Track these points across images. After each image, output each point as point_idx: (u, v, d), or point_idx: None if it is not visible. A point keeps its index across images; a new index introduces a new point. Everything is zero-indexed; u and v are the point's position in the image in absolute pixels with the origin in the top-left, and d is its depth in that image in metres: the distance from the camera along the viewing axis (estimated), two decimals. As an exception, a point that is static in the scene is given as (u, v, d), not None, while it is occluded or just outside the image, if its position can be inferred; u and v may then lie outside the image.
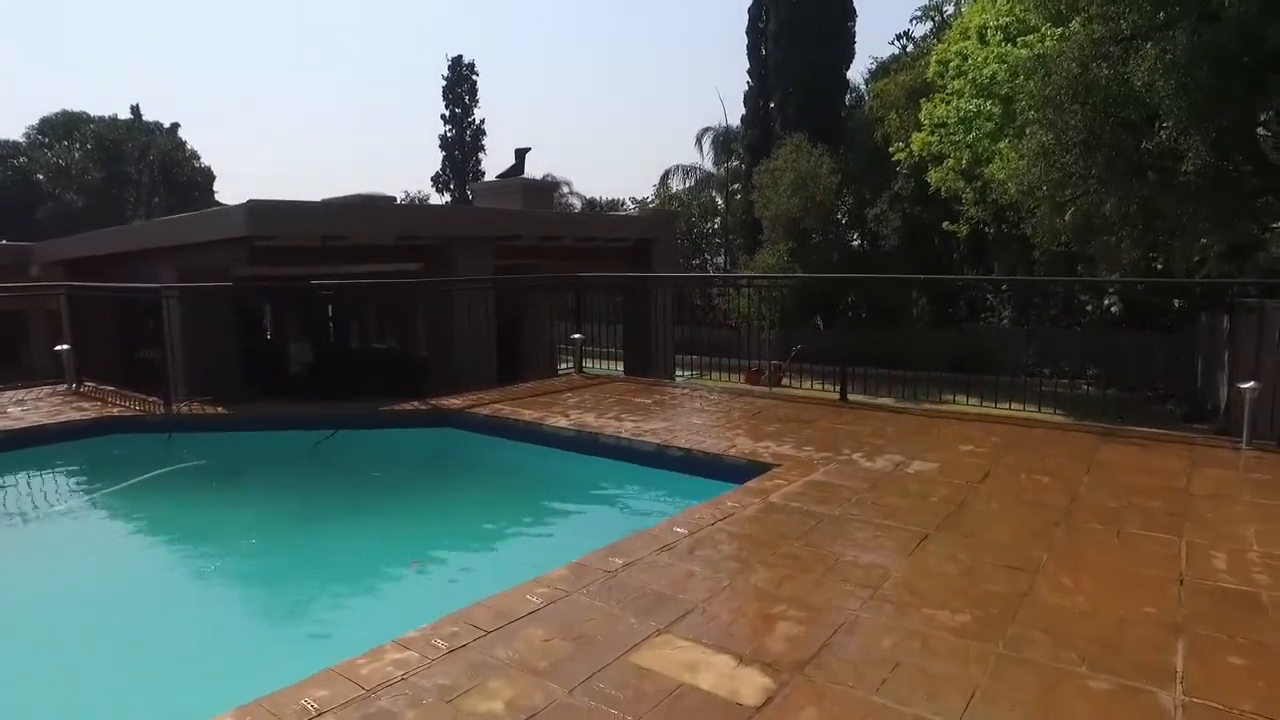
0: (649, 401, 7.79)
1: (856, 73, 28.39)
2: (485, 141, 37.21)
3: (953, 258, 26.21)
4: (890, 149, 16.92)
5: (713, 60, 76.13)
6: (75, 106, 37.93)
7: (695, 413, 7.33)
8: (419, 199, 38.13)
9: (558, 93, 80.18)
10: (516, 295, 12.84)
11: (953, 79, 13.65)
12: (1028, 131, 10.85)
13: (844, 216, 27.45)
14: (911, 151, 15.83)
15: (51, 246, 13.01)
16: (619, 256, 14.20)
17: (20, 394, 8.74)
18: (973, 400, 7.46)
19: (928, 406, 7.36)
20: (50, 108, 36.31)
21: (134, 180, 31.67)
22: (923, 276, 19.48)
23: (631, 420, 6.82)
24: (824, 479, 5.02)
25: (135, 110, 43.56)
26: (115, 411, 7.65)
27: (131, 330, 8.52)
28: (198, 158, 36.30)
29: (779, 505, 4.49)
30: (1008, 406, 7.30)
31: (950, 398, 7.93)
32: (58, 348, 9.06)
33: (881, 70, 24.36)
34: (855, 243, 27.71)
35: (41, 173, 32.34)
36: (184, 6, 74.09)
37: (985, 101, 12.49)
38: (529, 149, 16.89)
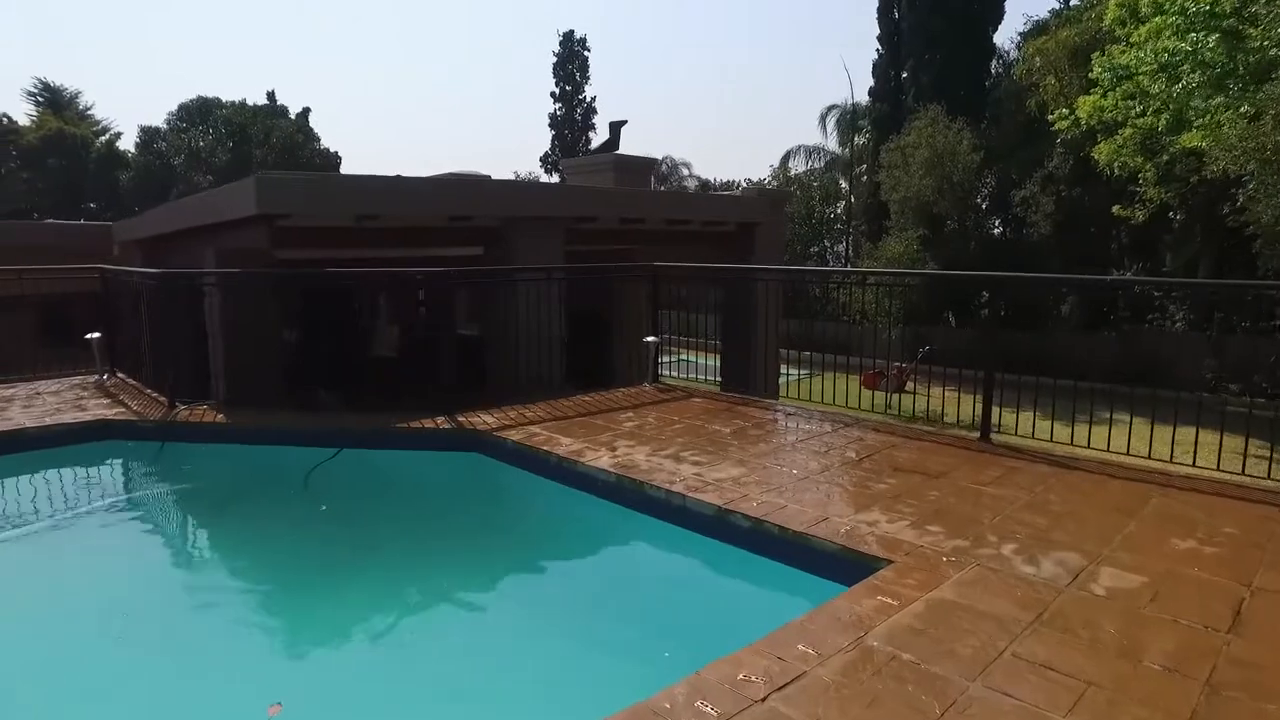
0: (727, 430, 6.10)
1: (1004, 37, 25.11)
2: (596, 120, 36.36)
3: (1110, 248, 22.64)
4: (1050, 117, 14.00)
5: (840, 32, 71.99)
6: (220, 95, 39.86)
7: (784, 451, 5.59)
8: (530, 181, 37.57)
9: (675, 71, 78.40)
10: (601, 287, 11.37)
11: (1148, 18, 10.63)
12: (1272, 78, 8.07)
13: (984, 200, 24.32)
14: (1077, 119, 12.97)
15: (127, 225, 12.71)
16: (716, 242, 12.47)
17: (49, 384, 8.13)
18: (1136, 417, 5.33)
19: (1107, 459, 5.30)
20: (195, 96, 38.21)
21: (258, 162, 32.71)
22: (1075, 276, 16.49)
23: (694, 462, 5.18)
24: (958, 598, 3.22)
25: (270, 96, 45.41)
26: (113, 414, 6.75)
27: (179, 318, 7.68)
28: (317, 139, 37.31)
29: (882, 656, 2.76)
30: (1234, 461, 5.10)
31: (1107, 415, 5.84)
32: (89, 335, 8.37)
33: (1039, 29, 21.07)
34: (996, 230, 24.52)
35: (177, 156, 34.03)
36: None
37: (1203, 34, 9.50)
38: (625, 122, 15.43)
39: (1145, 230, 18.67)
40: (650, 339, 7.95)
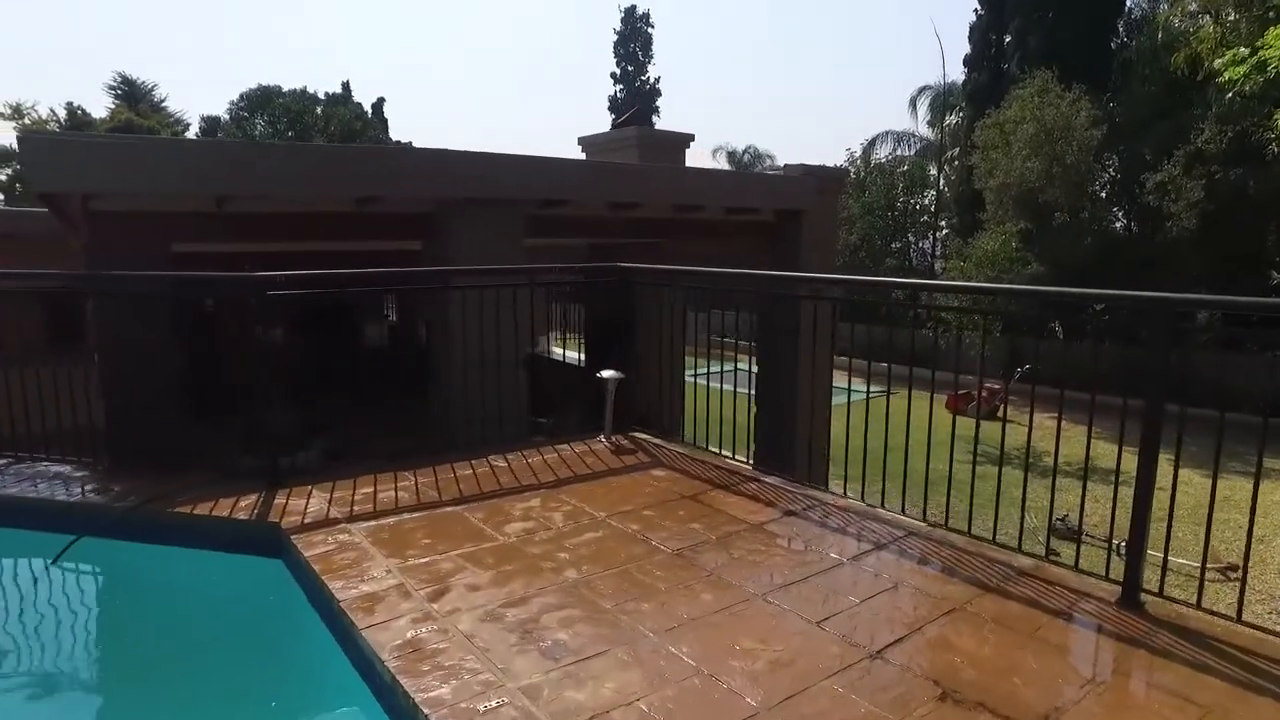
0: (669, 550, 3.65)
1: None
2: (659, 103, 33.53)
3: (1265, 242, 18.47)
4: (1219, 63, 10.24)
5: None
6: (306, 87, 39.49)
7: (749, 612, 3.07)
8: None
9: (755, 53, 74.83)
10: (620, 293, 8.93)
11: None
12: None
13: (1104, 187, 20.46)
14: (1261, 63, 9.31)
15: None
16: (749, 235, 9.90)
17: None
18: None
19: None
20: (256, 84, 37.88)
21: (312, 151, 31.87)
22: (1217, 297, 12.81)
23: (550, 650, 2.76)
24: None
25: (345, 86, 45.09)
26: None
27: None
28: (373, 127, 36.28)
29: None
30: None
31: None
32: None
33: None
34: (1118, 224, 20.60)
35: (235, 145, 33.60)
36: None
37: None
38: (658, 93, 12.91)
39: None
40: (608, 374, 5.50)
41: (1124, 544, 3.15)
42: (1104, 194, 20.32)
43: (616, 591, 3.18)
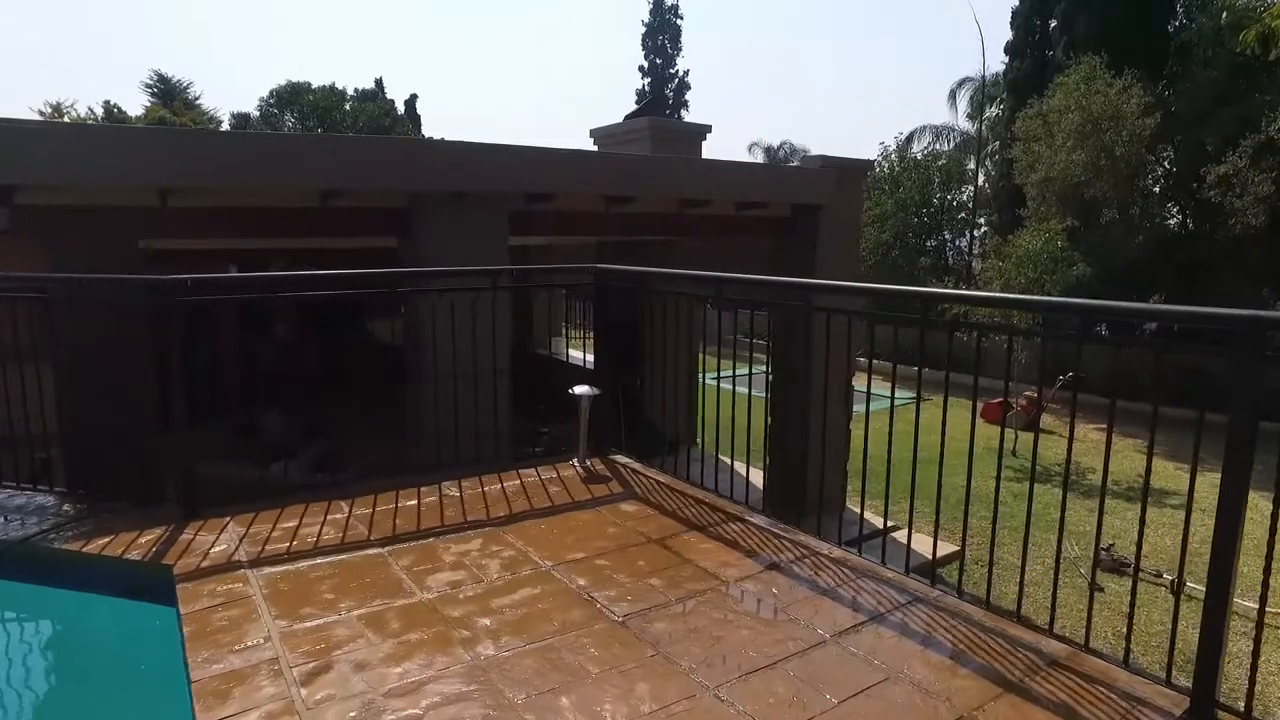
0: (618, 614, 3.04)
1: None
2: (689, 96, 32.74)
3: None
4: None
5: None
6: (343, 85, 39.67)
7: (697, 713, 2.42)
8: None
9: (789, 47, 73.41)
10: (633, 298, 8.28)
11: None
12: None
13: (1158, 182, 19.20)
14: None
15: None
16: (763, 232, 9.18)
17: None
18: None
19: None
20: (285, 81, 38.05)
21: (339, 147, 31.83)
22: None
23: (434, 757, 2.13)
24: None
25: (379, 83, 45.08)
26: None
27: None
28: (404, 124, 36.16)
29: None
30: None
31: None
32: None
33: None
34: (1173, 221, 19.32)
35: (264, 141, 33.66)
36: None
37: None
38: (685, 86, 12.21)
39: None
40: (581, 389, 4.86)
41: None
42: (1157, 189, 19.05)
43: (534, 677, 2.55)
